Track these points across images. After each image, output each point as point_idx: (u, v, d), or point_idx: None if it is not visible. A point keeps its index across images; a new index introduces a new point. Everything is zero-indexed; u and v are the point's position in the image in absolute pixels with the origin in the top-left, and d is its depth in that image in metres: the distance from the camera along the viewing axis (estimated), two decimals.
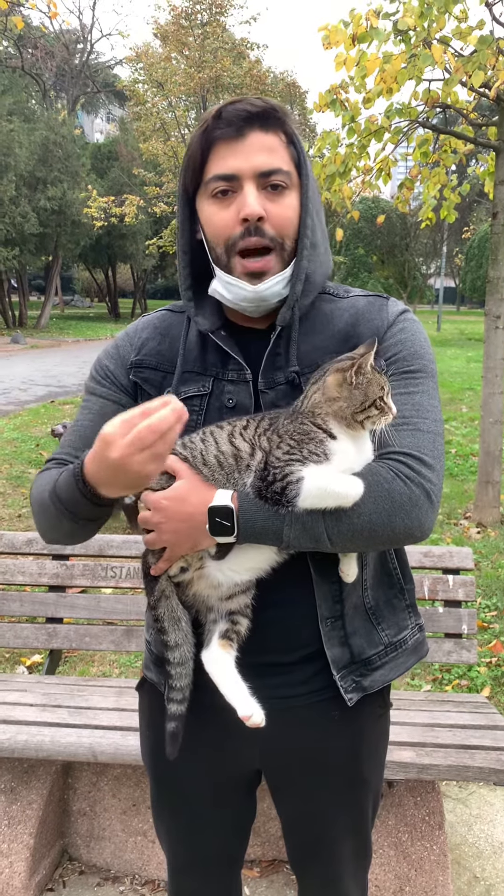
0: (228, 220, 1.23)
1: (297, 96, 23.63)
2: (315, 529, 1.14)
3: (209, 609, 1.25)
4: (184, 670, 1.24)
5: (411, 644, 1.40)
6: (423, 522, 1.17)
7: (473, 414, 9.71)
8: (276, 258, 1.24)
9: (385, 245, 33.50)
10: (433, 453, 1.20)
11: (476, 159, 6.71)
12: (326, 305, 1.33)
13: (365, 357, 1.15)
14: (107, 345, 1.43)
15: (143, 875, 2.45)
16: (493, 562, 5.03)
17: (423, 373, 1.28)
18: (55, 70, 33.06)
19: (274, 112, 1.22)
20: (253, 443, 1.18)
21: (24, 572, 2.79)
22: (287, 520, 1.14)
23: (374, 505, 1.13)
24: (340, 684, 1.30)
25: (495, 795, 2.81)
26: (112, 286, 41.32)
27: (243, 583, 1.23)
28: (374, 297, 1.35)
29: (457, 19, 5.03)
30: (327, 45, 5.14)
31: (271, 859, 2.47)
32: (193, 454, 1.21)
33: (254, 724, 1.19)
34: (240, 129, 1.20)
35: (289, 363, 1.28)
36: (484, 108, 7.55)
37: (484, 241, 32.16)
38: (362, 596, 1.32)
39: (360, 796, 1.41)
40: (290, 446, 1.15)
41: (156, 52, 21.52)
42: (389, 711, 1.46)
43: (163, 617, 1.24)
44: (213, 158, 1.23)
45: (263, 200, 1.22)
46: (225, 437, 1.20)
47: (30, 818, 2.37)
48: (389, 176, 6.04)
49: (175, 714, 1.25)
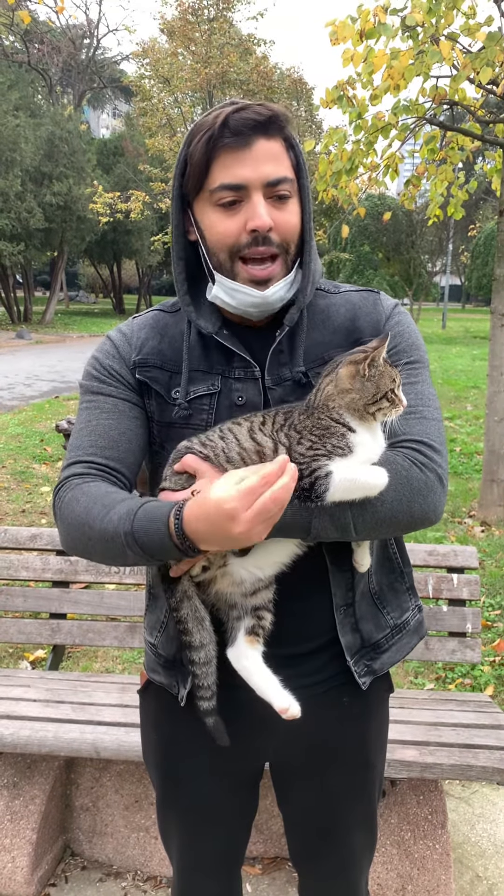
0: (234, 228, 1.23)
1: (303, 92, 23.51)
2: (342, 520, 1.17)
3: (231, 606, 1.25)
4: (209, 669, 1.25)
5: (413, 624, 1.45)
6: (437, 506, 1.22)
7: (478, 412, 9.69)
8: (281, 264, 1.26)
9: (391, 242, 33.36)
10: (440, 439, 1.26)
11: (483, 156, 6.66)
12: (321, 301, 1.35)
13: (378, 350, 1.17)
14: (101, 346, 1.39)
15: (145, 871, 2.45)
16: (497, 560, 5.02)
17: (420, 363, 1.33)
18: (61, 65, 33.04)
19: (277, 118, 1.22)
20: (274, 438, 1.19)
21: (28, 567, 2.79)
22: (315, 512, 1.16)
23: (395, 493, 1.17)
24: (354, 669, 1.34)
25: (498, 794, 2.81)
26: (117, 282, 41.29)
27: (267, 578, 1.25)
28: (365, 292, 1.38)
29: (465, 15, 5.00)
30: (335, 40, 5.12)
31: (273, 856, 2.47)
32: (215, 452, 1.20)
33: (291, 716, 1.21)
34: (247, 138, 1.20)
35: (295, 362, 1.29)
36: (491, 104, 7.52)
37: (490, 238, 32.07)
38: (368, 582, 1.36)
39: (369, 782, 1.44)
40: (311, 441, 1.16)
41: (162, 48, 21.47)
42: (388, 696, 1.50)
43: (186, 618, 1.23)
44: (218, 167, 1.21)
45: (270, 209, 1.22)
46: (245, 433, 1.20)
47: (32, 813, 2.37)
48: (396, 173, 6.01)
49: (208, 710, 1.25)
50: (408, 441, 1.23)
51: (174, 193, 1.28)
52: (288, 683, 1.26)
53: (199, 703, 1.25)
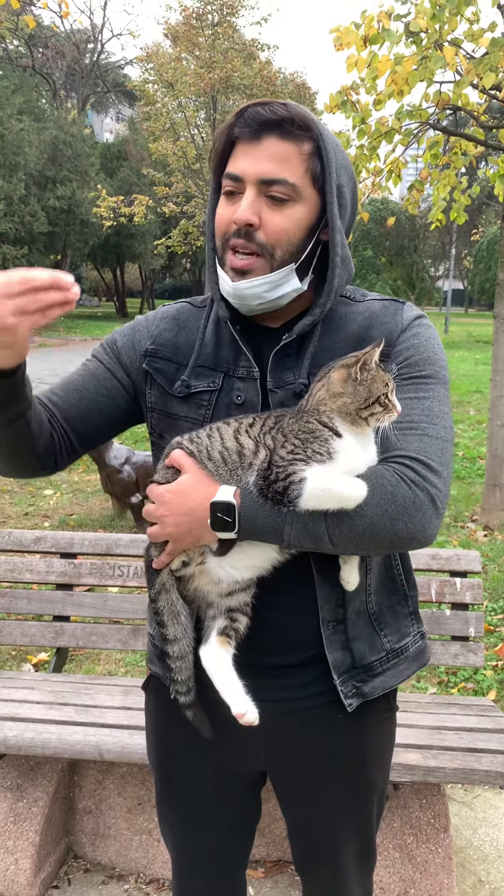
0: (227, 217, 1.25)
1: (307, 97, 23.58)
2: (316, 529, 1.14)
3: (209, 605, 1.26)
4: (183, 664, 1.26)
5: (413, 651, 1.40)
6: (427, 528, 1.15)
7: (481, 416, 9.69)
8: (264, 262, 1.24)
9: (394, 247, 33.43)
10: (441, 459, 1.18)
11: (486, 161, 6.68)
12: (342, 308, 1.33)
13: (370, 353, 1.14)
14: (124, 325, 1.45)
15: (147, 874, 2.46)
16: (499, 565, 5.02)
17: (434, 378, 1.26)
18: (65, 69, 33.19)
19: (293, 122, 1.20)
20: (258, 441, 1.19)
21: (32, 570, 2.80)
22: (288, 518, 1.14)
23: (377, 507, 1.12)
24: (341, 689, 1.29)
25: (501, 799, 2.81)
26: (120, 285, 41.37)
27: (244, 580, 1.24)
28: (389, 301, 1.35)
29: (468, 21, 5.02)
30: (339, 46, 5.14)
31: (276, 860, 2.47)
32: (199, 449, 1.22)
33: (247, 722, 1.19)
34: (256, 132, 1.20)
35: (300, 368, 1.28)
36: (495, 110, 7.52)
37: (493, 243, 32.06)
38: (366, 601, 1.32)
39: (366, 799, 1.41)
40: (294, 445, 1.15)
41: (166, 53, 21.53)
42: (395, 715, 1.46)
43: (162, 610, 1.25)
44: (233, 155, 1.25)
45: (262, 207, 1.22)
46: (231, 433, 1.21)
47: (35, 815, 2.37)
48: (399, 178, 6.02)
49: (187, 703, 1.27)
50: (401, 457, 1.17)
51: (211, 176, 1.32)
52: (274, 693, 1.27)
53: (177, 697, 1.27)
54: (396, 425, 1.19)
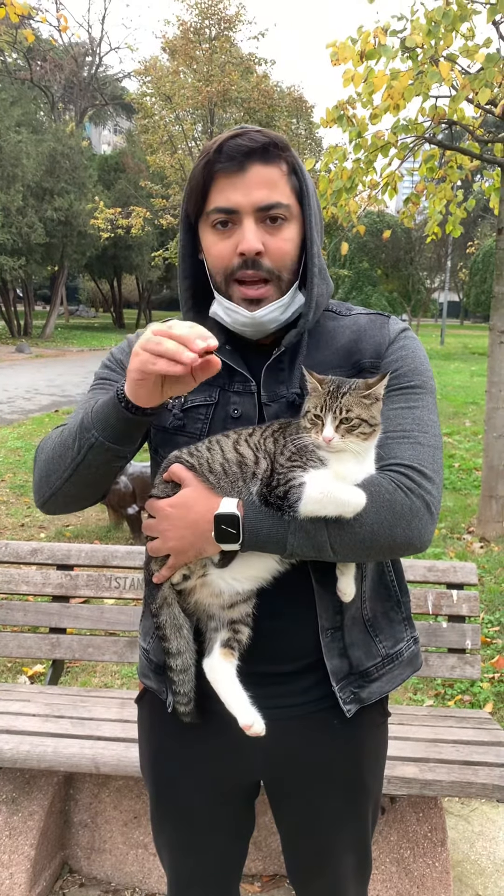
0: (227, 251, 1.27)
1: (303, 111, 23.69)
2: (318, 538, 1.16)
3: (210, 617, 1.27)
4: (186, 677, 1.27)
5: (407, 656, 1.42)
6: (423, 533, 1.19)
7: (477, 428, 9.71)
8: (274, 287, 1.28)
9: (389, 259, 33.57)
10: (433, 466, 1.23)
11: (481, 175, 6.73)
12: (329, 323, 1.37)
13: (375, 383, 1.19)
14: (120, 344, 1.47)
15: (143, 888, 2.44)
16: (496, 577, 5.02)
17: (422, 388, 1.31)
18: (64, 82, 33.31)
19: (274, 146, 1.25)
20: (257, 450, 1.21)
21: (28, 582, 2.79)
22: (291, 528, 1.16)
23: (376, 515, 1.16)
24: (339, 695, 1.31)
25: (498, 812, 2.79)
26: (117, 297, 41.46)
27: (245, 592, 1.25)
28: (375, 315, 1.39)
29: (464, 37, 5.08)
30: (335, 61, 5.19)
31: (272, 874, 2.46)
32: (200, 462, 1.24)
33: (254, 733, 1.21)
34: (241, 163, 1.23)
35: (292, 381, 1.31)
36: (490, 124, 7.59)
37: (488, 255, 32.22)
38: (361, 608, 1.34)
39: (362, 805, 1.43)
40: (292, 452, 1.18)
41: (164, 66, 21.63)
42: (387, 720, 1.48)
43: (165, 624, 1.26)
44: (214, 190, 1.26)
45: (263, 234, 1.25)
46: (230, 445, 1.23)
47: (31, 829, 2.36)
48: (395, 191, 6.07)
49: (185, 713, 1.29)
50: (397, 465, 1.21)
51: (182, 215, 1.33)
52: (273, 701, 1.27)
53: (176, 707, 1.29)
54: (389, 434, 1.24)
